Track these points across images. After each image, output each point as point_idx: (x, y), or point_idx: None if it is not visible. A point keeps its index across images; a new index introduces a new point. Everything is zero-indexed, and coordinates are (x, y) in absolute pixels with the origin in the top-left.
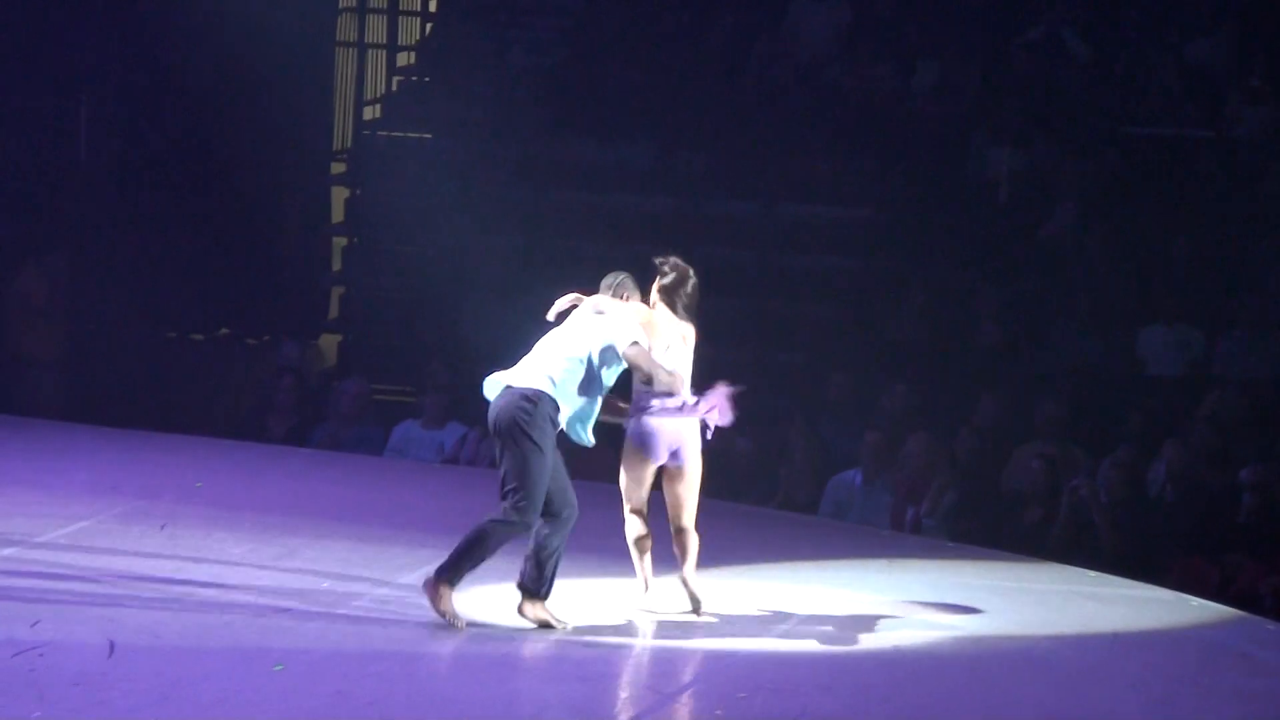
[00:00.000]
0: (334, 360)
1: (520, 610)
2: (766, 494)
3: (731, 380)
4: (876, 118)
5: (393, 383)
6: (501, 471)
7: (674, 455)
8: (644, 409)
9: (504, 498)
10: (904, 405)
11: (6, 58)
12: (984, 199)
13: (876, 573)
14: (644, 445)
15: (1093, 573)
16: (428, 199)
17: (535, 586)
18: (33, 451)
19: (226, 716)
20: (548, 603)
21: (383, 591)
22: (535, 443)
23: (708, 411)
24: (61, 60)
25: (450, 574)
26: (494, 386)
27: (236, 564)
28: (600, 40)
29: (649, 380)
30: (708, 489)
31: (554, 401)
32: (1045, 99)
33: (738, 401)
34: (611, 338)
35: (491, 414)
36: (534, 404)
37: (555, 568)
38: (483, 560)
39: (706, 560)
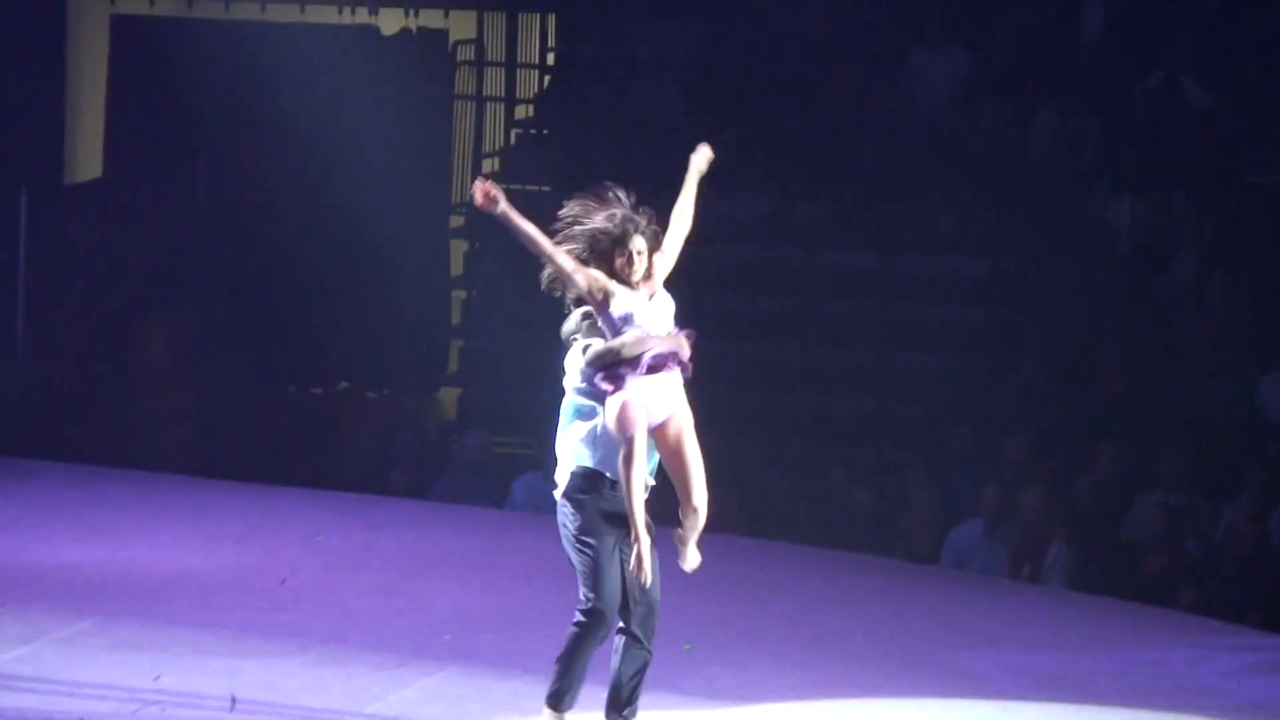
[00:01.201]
0: (453, 413)
1: None
2: (887, 545)
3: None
4: (995, 167)
5: (512, 435)
6: None
7: None
8: None
9: None
10: (1024, 455)
11: (129, 116)
12: (1104, 248)
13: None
14: None
15: (1215, 621)
16: None
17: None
18: (157, 506)
19: None
20: None
21: (504, 644)
22: (568, 538)
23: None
24: (182, 118)
25: (550, 698)
26: None
27: (356, 617)
28: (719, 90)
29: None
30: (827, 541)
31: (576, 474)
32: (1166, 147)
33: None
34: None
35: None
36: (561, 505)
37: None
38: (573, 672)
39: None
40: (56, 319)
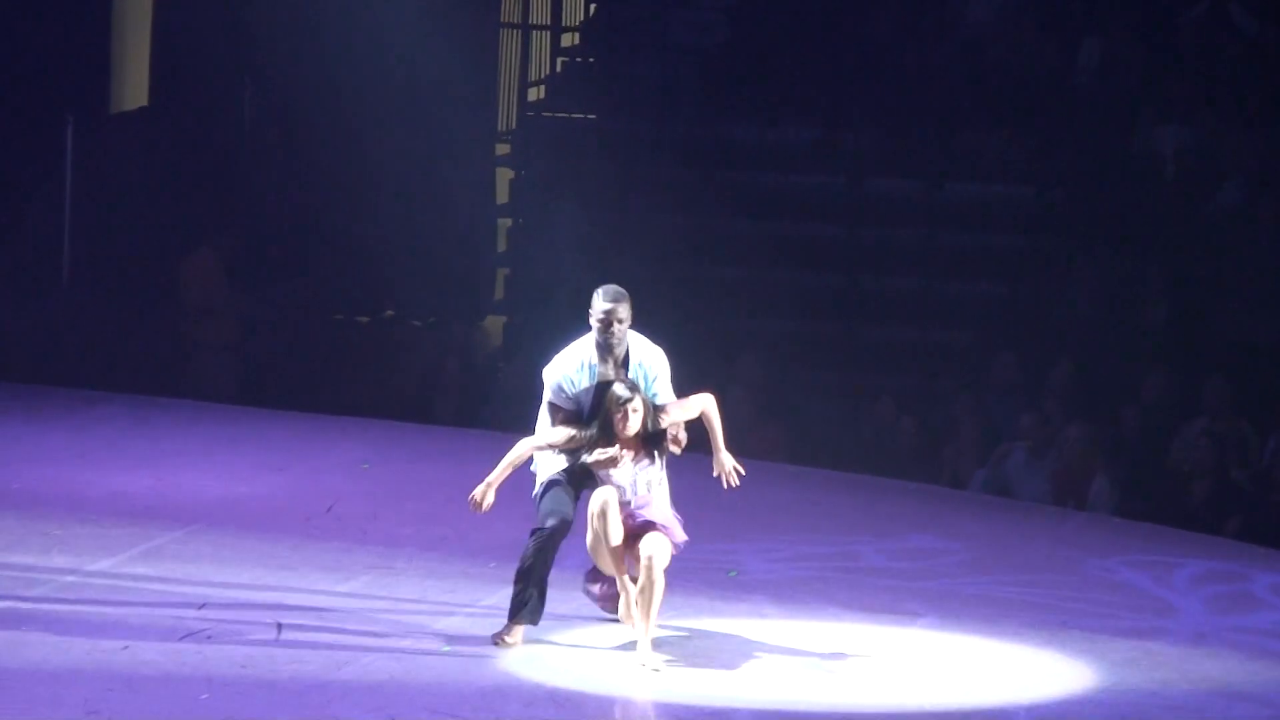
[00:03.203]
0: (499, 342)
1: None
2: (931, 472)
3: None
4: (1041, 95)
5: None
6: None
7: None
8: None
9: None
10: (1069, 384)
11: (174, 48)
12: (1150, 176)
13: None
14: None
15: (1262, 548)
16: (592, 180)
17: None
18: (203, 434)
19: (394, 696)
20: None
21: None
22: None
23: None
24: (226, 46)
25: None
26: None
27: (402, 545)
28: (764, 19)
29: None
30: (873, 468)
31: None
32: (1212, 74)
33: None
34: None
35: None
36: None
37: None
38: (532, 580)
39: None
40: (102, 248)
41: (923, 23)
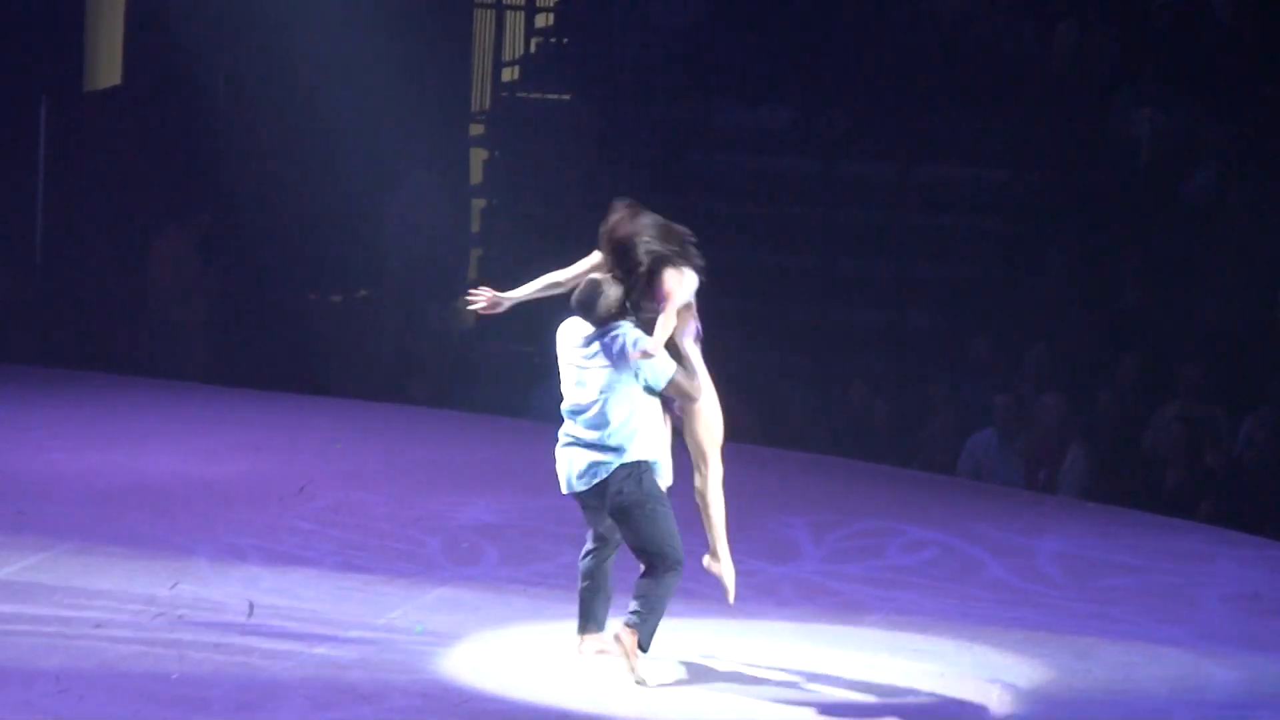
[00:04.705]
0: (473, 322)
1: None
2: (905, 455)
3: None
4: (1016, 78)
5: (532, 344)
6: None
7: None
8: None
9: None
10: (1043, 367)
11: (149, 27)
12: (1124, 159)
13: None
14: None
15: (1235, 533)
16: (566, 161)
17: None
18: (175, 414)
19: (367, 676)
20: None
21: (523, 554)
22: (642, 504)
23: None
24: (200, 25)
25: (647, 642)
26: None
27: (375, 526)
28: (741, 1)
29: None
30: (846, 451)
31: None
32: (1186, 59)
33: None
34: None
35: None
36: (636, 475)
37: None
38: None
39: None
40: (75, 227)
41: (898, 5)
